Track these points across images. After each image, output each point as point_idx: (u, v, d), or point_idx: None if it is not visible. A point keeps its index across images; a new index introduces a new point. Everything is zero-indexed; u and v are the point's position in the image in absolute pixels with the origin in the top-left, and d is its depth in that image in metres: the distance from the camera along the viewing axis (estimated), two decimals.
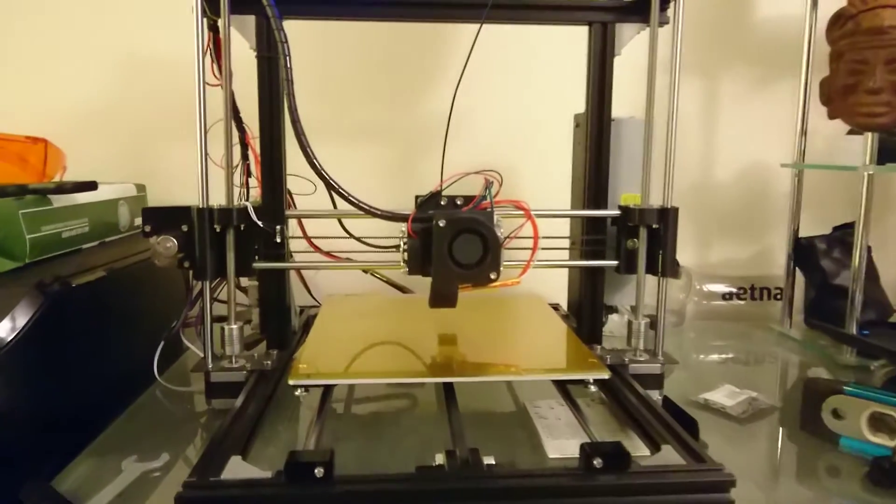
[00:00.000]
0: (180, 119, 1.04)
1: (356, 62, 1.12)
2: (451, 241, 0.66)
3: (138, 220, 0.95)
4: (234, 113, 0.80)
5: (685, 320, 1.08)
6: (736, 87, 1.17)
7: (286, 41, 0.68)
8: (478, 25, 0.72)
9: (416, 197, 0.72)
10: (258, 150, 0.78)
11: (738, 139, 1.18)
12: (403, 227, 0.70)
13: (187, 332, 0.81)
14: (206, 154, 0.70)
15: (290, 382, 0.62)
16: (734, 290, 1.11)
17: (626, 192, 0.82)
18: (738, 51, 1.17)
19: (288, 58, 0.68)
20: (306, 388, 0.63)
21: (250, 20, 0.73)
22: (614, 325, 0.88)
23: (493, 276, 0.66)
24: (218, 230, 0.69)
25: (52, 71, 1.08)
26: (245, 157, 0.85)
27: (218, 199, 0.70)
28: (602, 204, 0.80)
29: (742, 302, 1.11)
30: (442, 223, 0.65)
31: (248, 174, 0.86)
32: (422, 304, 0.72)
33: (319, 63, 1.11)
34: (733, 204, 1.19)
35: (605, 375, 0.65)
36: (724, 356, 0.97)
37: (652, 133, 0.74)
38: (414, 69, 1.13)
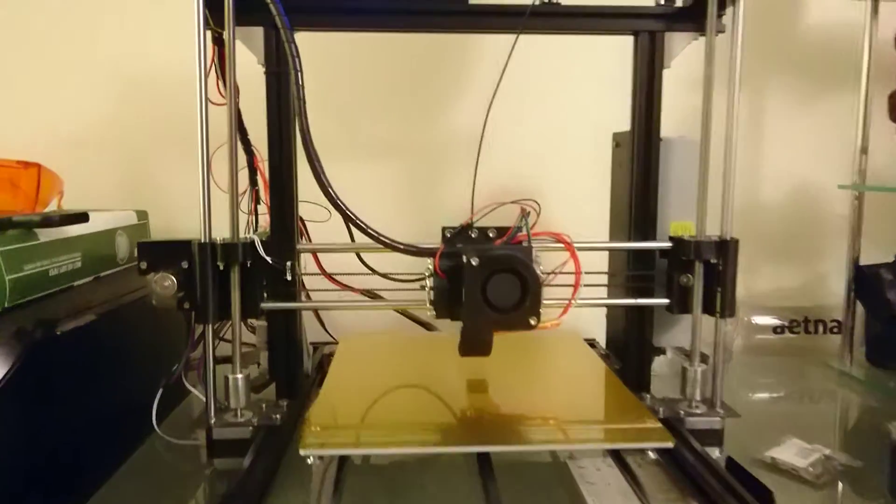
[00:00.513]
0: (185, 139, 0.96)
1: (371, 72, 1.04)
2: (485, 282, 0.58)
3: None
4: (240, 134, 0.73)
5: (732, 356, 0.99)
6: (784, 100, 1.08)
7: (297, 55, 0.60)
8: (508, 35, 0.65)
9: (444, 229, 0.64)
10: (268, 175, 0.71)
11: (786, 156, 1.09)
12: (429, 262, 0.62)
13: (190, 373, 0.73)
14: (209, 182, 0.63)
15: (301, 452, 0.54)
16: (786, 322, 1.01)
17: (675, 219, 0.74)
18: (786, 61, 1.08)
19: (299, 73, 0.60)
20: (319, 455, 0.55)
21: (258, 32, 0.66)
22: (658, 361, 0.79)
23: (532, 322, 0.58)
24: (221, 267, 0.62)
25: (48, 90, 1.01)
26: (253, 182, 0.78)
27: (224, 228, 0.63)
28: (650, 233, 0.71)
29: (794, 335, 1.02)
30: (475, 262, 0.57)
31: (257, 201, 0.79)
32: (448, 344, 0.64)
33: (331, 72, 1.03)
34: (783, 227, 1.10)
35: (670, 444, 0.56)
36: (780, 399, 0.88)
37: (709, 155, 0.66)
38: (434, 80, 1.05)
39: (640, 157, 0.71)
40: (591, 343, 0.89)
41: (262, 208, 0.77)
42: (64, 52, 1.00)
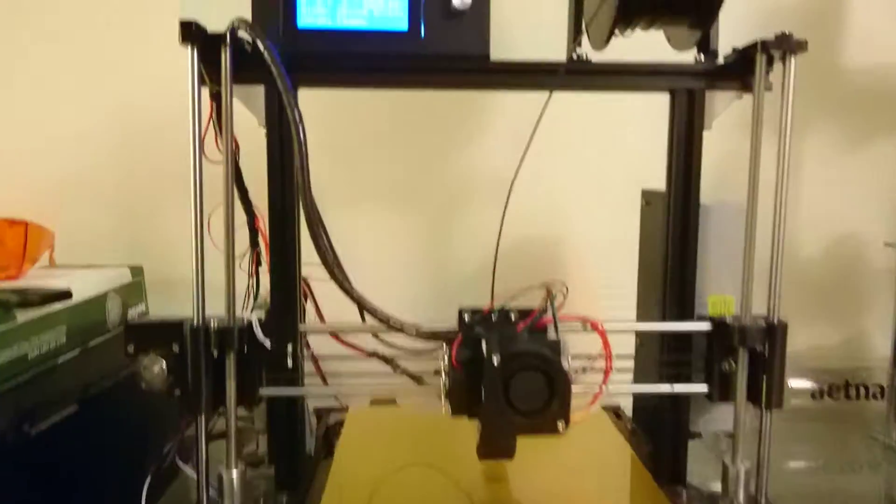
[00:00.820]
0: (183, 187, 0.91)
1: (380, 114, 0.98)
2: (508, 381, 0.51)
3: (133, 311, 0.83)
4: (240, 193, 0.67)
5: None
6: (826, 145, 1.01)
7: (301, 121, 0.55)
8: None
9: (461, 312, 0.58)
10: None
11: (828, 205, 1.02)
12: (444, 350, 0.56)
13: (184, 449, 0.67)
14: (203, 252, 0.57)
15: None
16: (824, 386, 0.94)
17: (713, 292, 0.67)
18: (829, 104, 1.01)
19: (302, 138, 0.54)
20: None
21: (258, 91, 0.60)
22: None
23: (560, 426, 0.52)
24: (216, 354, 0.56)
25: (39, 134, 0.95)
26: (254, 243, 0.72)
27: (221, 291, 0.57)
28: (686, 309, 0.65)
29: (834, 401, 0.95)
30: (496, 359, 0.51)
31: (258, 263, 0.73)
32: (464, 422, 0.57)
33: (338, 114, 0.96)
34: (822, 280, 1.03)
35: None
36: (824, 480, 0.81)
37: (755, 226, 0.59)
38: (449, 123, 0.99)
39: (677, 224, 0.65)
40: (617, 411, 0.83)
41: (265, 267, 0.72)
42: (60, 95, 0.95)
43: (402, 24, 0.59)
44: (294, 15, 0.59)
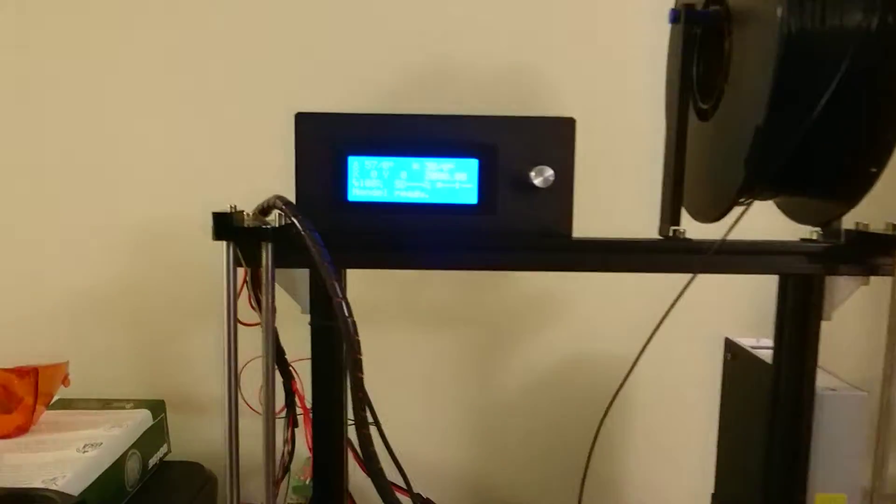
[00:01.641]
0: (208, 306, 0.83)
1: None
2: None
3: (153, 458, 0.75)
4: (276, 357, 0.59)
5: None
6: None
7: (350, 314, 0.46)
8: None
9: None
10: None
11: None
12: None
13: None
14: (237, 448, 0.50)
15: None
16: None
17: (822, 490, 0.58)
18: None
19: (352, 331, 0.46)
20: None
21: (302, 276, 0.52)
22: None
23: None
24: None
25: (59, 252, 0.87)
26: (290, 405, 0.65)
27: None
28: None
29: None
30: None
31: (294, 425, 0.66)
32: None
33: None
34: None
35: None
36: None
37: (891, 420, 0.50)
38: None
39: (786, 418, 0.56)
40: None
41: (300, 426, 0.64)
42: (79, 215, 0.86)
43: (471, 197, 0.51)
44: (345, 187, 0.51)
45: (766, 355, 0.61)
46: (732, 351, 0.68)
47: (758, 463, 0.59)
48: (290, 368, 0.62)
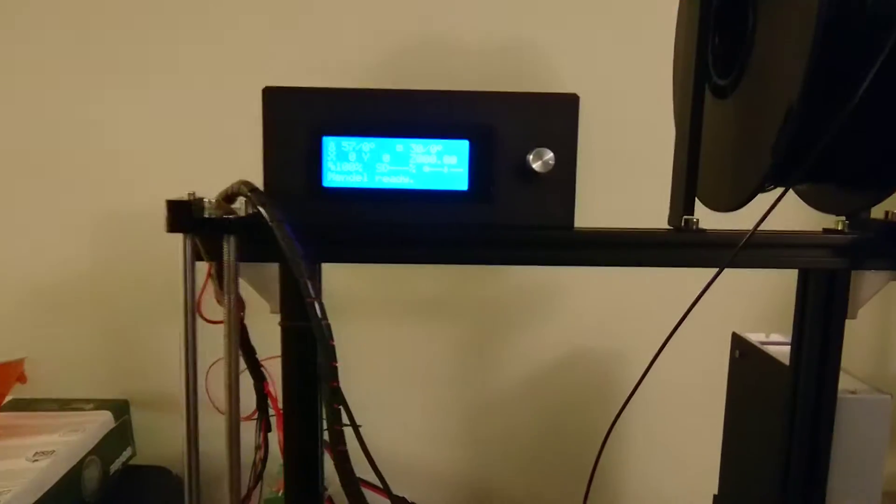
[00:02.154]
0: (175, 301, 0.77)
1: None
2: None
3: (116, 463, 0.69)
4: (245, 356, 0.54)
5: None
6: None
7: (325, 316, 0.41)
8: None
9: None
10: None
11: None
12: None
13: None
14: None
15: None
16: None
17: (840, 500, 0.54)
18: None
19: (327, 336, 0.41)
20: None
21: (271, 270, 0.46)
22: None
23: None
24: None
25: (8, 247, 0.80)
26: (263, 408, 0.59)
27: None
28: None
29: None
30: None
31: (268, 429, 0.61)
32: None
33: None
34: None
35: None
36: None
37: None
38: None
39: (805, 424, 0.51)
40: None
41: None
42: (38, 208, 0.80)
43: (461, 182, 0.45)
44: (319, 171, 0.45)
45: (778, 352, 0.57)
46: (741, 347, 0.63)
47: (769, 467, 0.55)
48: (262, 369, 0.57)
